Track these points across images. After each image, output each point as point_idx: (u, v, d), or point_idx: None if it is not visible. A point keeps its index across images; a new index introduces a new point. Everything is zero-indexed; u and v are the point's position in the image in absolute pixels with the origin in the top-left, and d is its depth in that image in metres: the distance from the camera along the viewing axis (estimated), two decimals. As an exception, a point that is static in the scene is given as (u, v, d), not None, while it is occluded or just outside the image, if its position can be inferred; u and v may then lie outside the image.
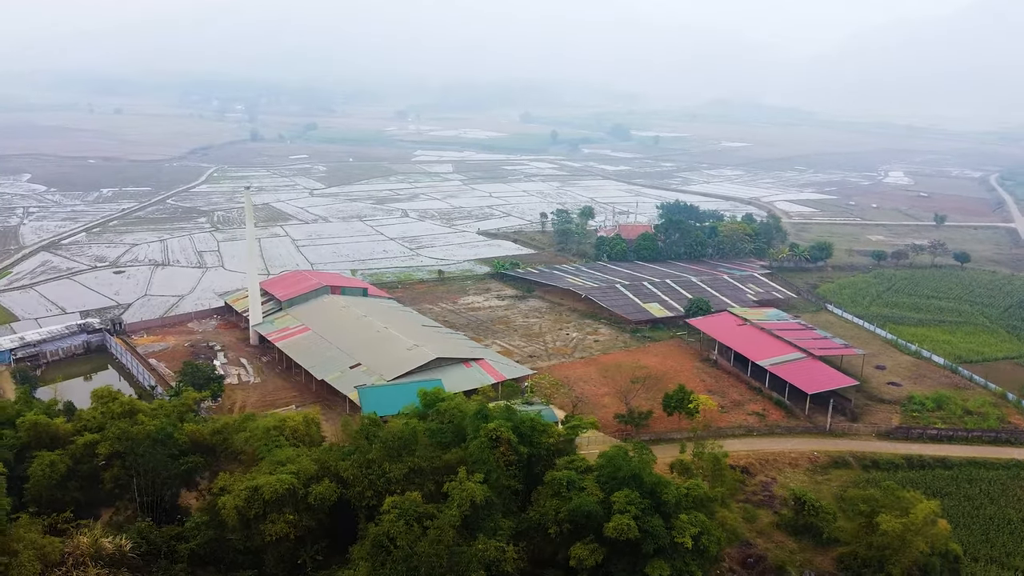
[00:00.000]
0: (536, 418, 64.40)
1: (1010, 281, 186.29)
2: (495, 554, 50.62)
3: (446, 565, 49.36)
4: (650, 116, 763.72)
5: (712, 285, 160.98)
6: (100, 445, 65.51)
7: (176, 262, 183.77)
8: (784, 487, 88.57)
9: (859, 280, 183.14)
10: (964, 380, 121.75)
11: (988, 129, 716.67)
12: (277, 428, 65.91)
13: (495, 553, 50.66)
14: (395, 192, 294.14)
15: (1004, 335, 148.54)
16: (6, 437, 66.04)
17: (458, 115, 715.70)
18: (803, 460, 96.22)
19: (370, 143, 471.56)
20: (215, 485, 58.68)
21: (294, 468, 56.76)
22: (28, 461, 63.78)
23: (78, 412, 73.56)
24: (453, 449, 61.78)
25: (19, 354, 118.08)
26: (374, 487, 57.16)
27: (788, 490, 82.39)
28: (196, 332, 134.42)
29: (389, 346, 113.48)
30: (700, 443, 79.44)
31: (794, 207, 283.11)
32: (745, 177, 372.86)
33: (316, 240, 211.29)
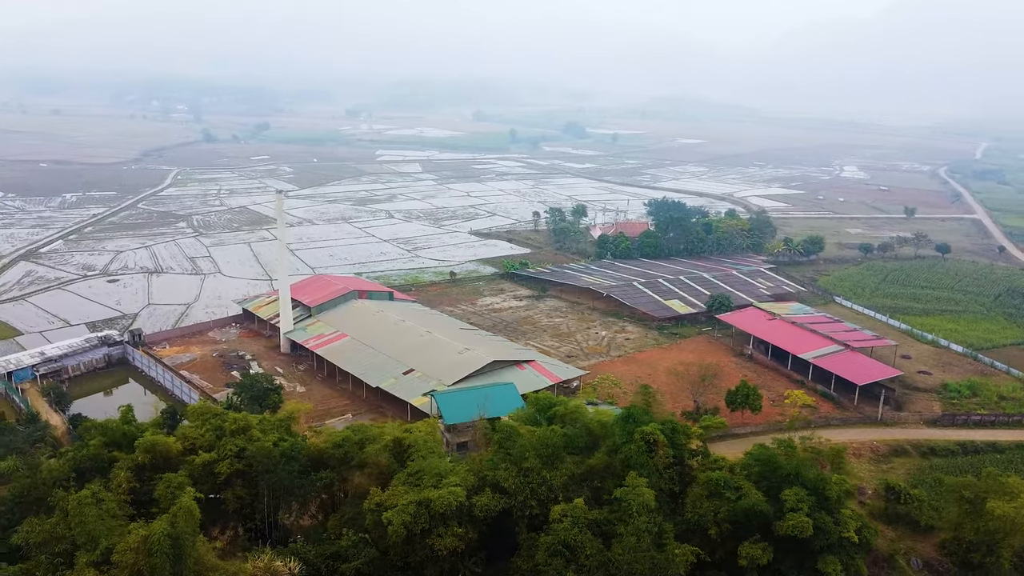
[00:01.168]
0: (675, 420, 64.19)
1: (992, 270, 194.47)
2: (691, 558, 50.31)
3: (648, 571, 48.79)
4: (600, 114, 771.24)
5: (724, 281, 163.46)
6: (219, 464, 62.64)
7: (170, 269, 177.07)
8: (854, 476, 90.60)
9: (853, 272, 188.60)
10: (986, 367, 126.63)
11: (919, 124, 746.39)
12: (400, 440, 63.94)
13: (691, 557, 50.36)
14: (372, 193, 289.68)
15: (1003, 322, 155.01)
16: (121, 460, 62.42)
17: (409, 114, 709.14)
18: (864, 450, 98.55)
19: (328, 143, 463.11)
20: (370, 501, 56.57)
21: (457, 480, 55.25)
22: (150, 483, 60.54)
23: (180, 430, 70.04)
24: (596, 454, 61.11)
25: (41, 370, 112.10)
26: (536, 496, 56.12)
27: (879, 481, 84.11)
28: (219, 341, 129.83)
29: (438, 350, 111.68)
30: (786, 437, 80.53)
31: (767, 202, 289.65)
32: (710, 173, 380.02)
33: (308, 243, 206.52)
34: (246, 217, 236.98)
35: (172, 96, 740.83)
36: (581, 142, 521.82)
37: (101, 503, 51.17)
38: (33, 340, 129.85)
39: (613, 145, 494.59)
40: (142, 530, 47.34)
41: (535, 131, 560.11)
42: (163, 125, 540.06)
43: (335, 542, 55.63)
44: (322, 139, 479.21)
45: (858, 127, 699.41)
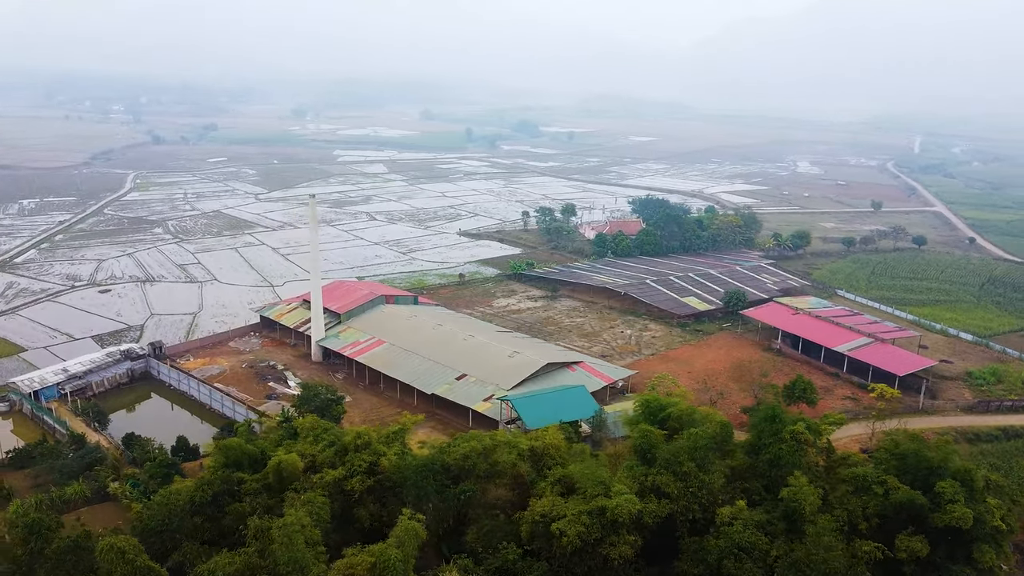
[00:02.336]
0: (807, 418, 64.72)
1: (968, 261, 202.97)
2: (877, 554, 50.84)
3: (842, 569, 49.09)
4: (546, 112, 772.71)
5: (731, 277, 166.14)
6: (350, 480, 60.38)
7: (162, 277, 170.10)
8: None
9: (842, 266, 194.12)
10: (999, 354, 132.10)
11: (853, 120, 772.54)
12: (535, 451, 62.77)
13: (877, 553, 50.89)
14: (345, 195, 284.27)
15: (995, 310, 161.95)
16: (249, 481, 59.43)
17: (356, 113, 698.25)
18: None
19: (281, 143, 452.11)
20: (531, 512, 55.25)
21: (625, 488, 54.51)
22: (280, 503, 57.82)
23: (297, 447, 67.09)
24: (735, 455, 61.21)
25: (67, 388, 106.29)
26: (697, 500, 55.88)
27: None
28: (243, 352, 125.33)
29: (485, 354, 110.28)
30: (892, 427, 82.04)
31: (736, 198, 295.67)
32: (672, 170, 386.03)
33: (297, 247, 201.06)
34: (223, 222, 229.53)
35: (106, 96, 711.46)
36: (537, 141, 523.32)
37: (304, 529, 48.42)
38: (39, 356, 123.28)
39: (570, 143, 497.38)
40: (365, 556, 45.07)
41: (489, 130, 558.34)
42: (103, 126, 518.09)
43: (498, 556, 54.09)
44: (274, 140, 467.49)
45: (797, 123, 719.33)
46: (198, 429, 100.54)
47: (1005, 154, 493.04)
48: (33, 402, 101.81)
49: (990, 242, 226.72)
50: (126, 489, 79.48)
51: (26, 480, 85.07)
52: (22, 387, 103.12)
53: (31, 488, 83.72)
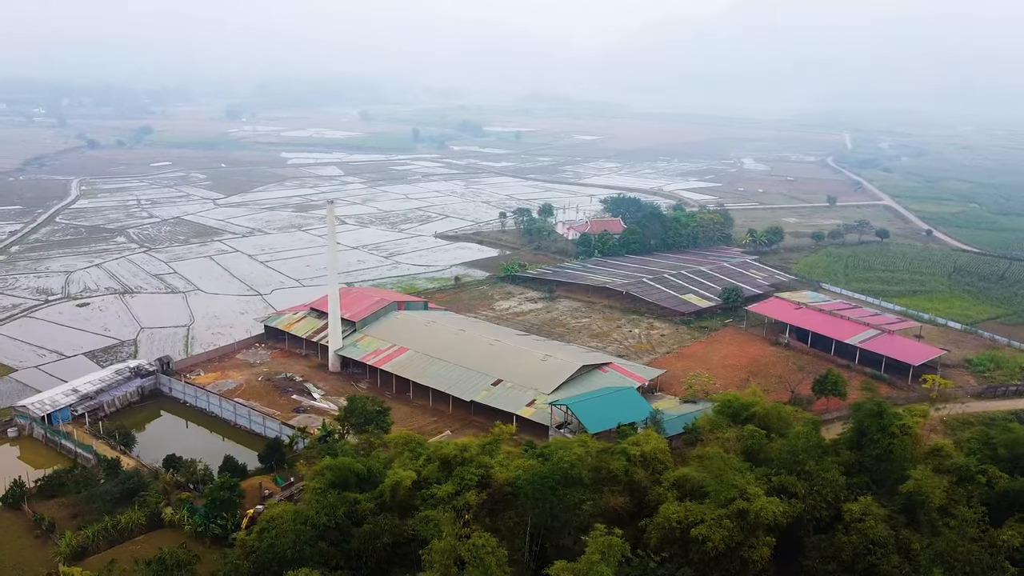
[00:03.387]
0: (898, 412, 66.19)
1: (930, 252, 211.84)
2: (1017, 542, 52.35)
3: (987, 558, 50.35)
4: (483, 112, 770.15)
5: (721, 273, 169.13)
6: (463, 496, 58.80)
7: (140, 288, 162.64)
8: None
9: (816, 260, 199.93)
10: (988, 341, 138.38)
11: (780, 118, 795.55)
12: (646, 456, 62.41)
13: (1017, 541, 52.39)
14: (307, 199, 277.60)
15: (969, 299, 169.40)
16: (363, 501, 57.08)
17: (292, 114, 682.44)
18: (938, 424, 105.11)
19: (224, 146, 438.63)
20: (663, 519, 54.79)
21: (759, 491, 54.66)
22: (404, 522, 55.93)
23: (396, 463, 64.81)
24: (844, 451, 62.21)
25: (80, 409, 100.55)
26: (823, 498, 56.55)
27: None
28: (254, 364, 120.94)
29: (517, 359, 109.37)
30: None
31: (696, 195, 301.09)
32: (625, 169, 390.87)
33: (275, 254, 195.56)
34: (188, 229, 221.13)
35: (23, 99, 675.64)
36: (484, 140, 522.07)
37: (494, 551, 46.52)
38: (32, 377, 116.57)
39: (517, 143, 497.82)
40: (569, 573, 43.77)
41: (433, 130, 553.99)
42: (28, 131, 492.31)
43: (634, 565, 53.43)
44: (214, 142, 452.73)
45: (728, 121, 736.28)
46: (223, 447, 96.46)
47: (928, 149, 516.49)
48: (47, 426, 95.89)
49: (944, 234, 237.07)
50: (182, 514, 75.71)
51: (62, 510, 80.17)
52: (33, 410, 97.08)
53: (70, 518, 78.95)
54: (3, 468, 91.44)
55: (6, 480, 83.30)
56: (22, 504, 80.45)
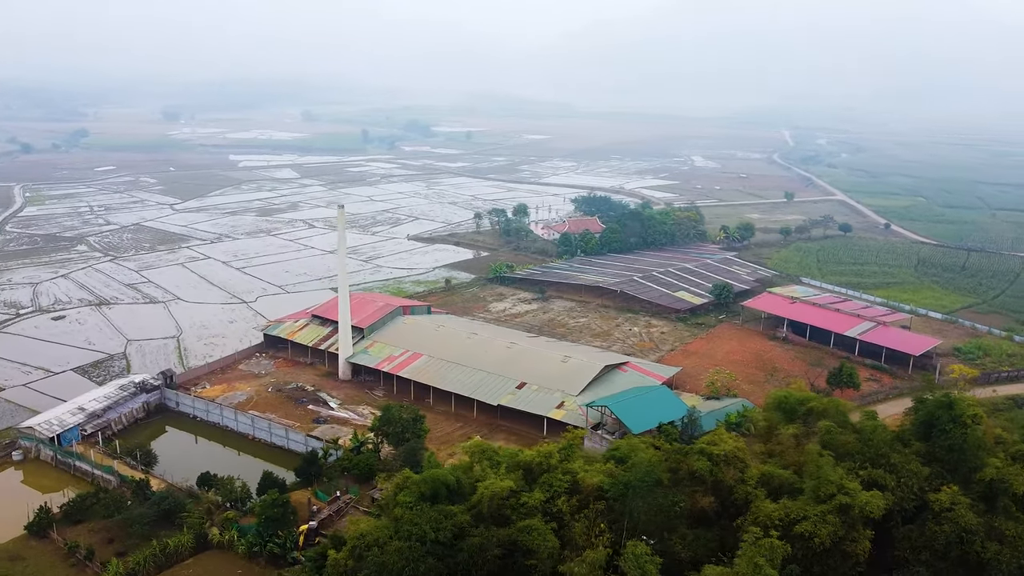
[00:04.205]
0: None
1: (893, 245, 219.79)
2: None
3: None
4: (430, 112, 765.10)
5: (706, 270, 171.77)
6: (555, 502, 58.11)
7: (116, 299, 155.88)
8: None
9: (788, 254, 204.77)
10: (969, 329, 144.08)
11: (720, 116, 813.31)
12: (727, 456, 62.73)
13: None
14: (269, 203, 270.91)
15: (939, 290, 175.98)
16: (459, 513, 55.60)
17: (232, 115, 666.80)
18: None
19: (168, 149, 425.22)
20: (762, 517, 55.04)
21: (856, 485, 55.50)
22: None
23: (476, 472, 63.36)
24: (915, 442, 63.74)
25: (89, 428, 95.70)
26: (908, 489, 57.85)
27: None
28: (259, 375, 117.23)
29: (537, 361, 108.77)
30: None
31: (657, 193, 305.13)
32: (581, 167, 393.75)
33: (249, 260, 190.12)
34: (151, 236, 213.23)
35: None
36: (435, 141, 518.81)
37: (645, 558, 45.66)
38: (22, 396, 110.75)
39: (469, 143, 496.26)
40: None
41: (380, 130, 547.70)
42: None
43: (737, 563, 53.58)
44: (156, 145, 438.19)
45: (672, 119, 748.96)
46: (246, 463, 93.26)
47: (867, 146, 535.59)
48: (57, 448, 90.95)
49: (901, 227, 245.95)
50: (231, 535, 72.83)
51: (93, 535, 76.20)
52: (41, 432, 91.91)
53: (104, 544, 75.20)
54: (12, 494, 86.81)
55: (27, 507, 78.80)
56: (49, 531, 76.16)
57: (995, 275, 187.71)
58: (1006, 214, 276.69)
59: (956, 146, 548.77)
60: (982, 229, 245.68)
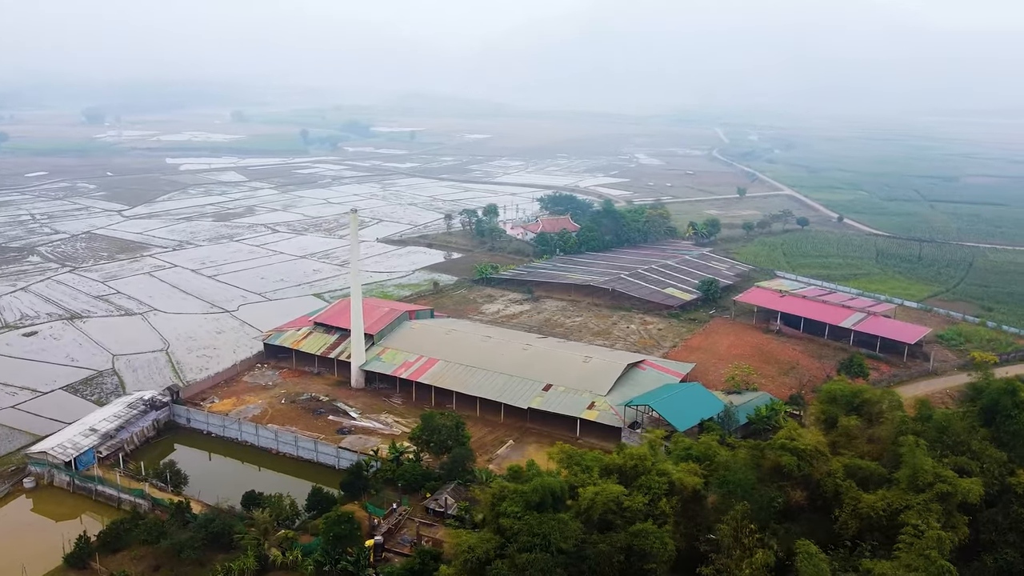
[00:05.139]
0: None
1: (850, 237, 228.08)
2: None
3: None
4: (363, 112, 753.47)
5: (687, 266, 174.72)
6: (657, 504, 58.13)
7: (87, 313, 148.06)
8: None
9: (755, 248, 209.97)
10: (944, 317, 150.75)
11: (652, 114, 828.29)
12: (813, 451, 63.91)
13: None
14: (222, 207, 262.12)
15: (903, 279, 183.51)
16: (570, 522, 54.83)
17: (158, 117, 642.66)
18: (946, 397, 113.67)
19: (97, 153, 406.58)
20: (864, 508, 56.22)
21: (951, 473, 57.34)
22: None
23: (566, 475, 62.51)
24: (980, 428, 66.26)
25: (104, 451, 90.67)
26: (991, 474, 60.12)
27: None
28: (266, 386, 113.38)
29: (558, 362, 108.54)
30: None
31: (612, 191, 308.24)
32: (531, 167, 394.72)
33: (219, 267, 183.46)
34: (106, 244, 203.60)
35: None
36: (377, 141, 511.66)
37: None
38: (14, 418, 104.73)
39: (413, 143, 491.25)
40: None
41: (317, 131, 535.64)
42: None
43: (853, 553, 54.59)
44: (84, 148, 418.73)
45: (606, 118, 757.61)
46: (268, 478, 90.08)
47: (797, 142, 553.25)
48: (75, 473, 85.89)
49: (852, 220, 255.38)
50: (295, 554, 70.20)
51: (138, 564, 72.40)
52: (55, 456, 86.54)
53: (151, 572, 71.80)
54: (34, 525, 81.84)
55: (61, 537, 74.34)
56: (90, 562, 71.92)
57: (950, 264, 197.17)
58: (943, 206, 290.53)
59: (877, 141, 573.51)
60: (925, 221, 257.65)
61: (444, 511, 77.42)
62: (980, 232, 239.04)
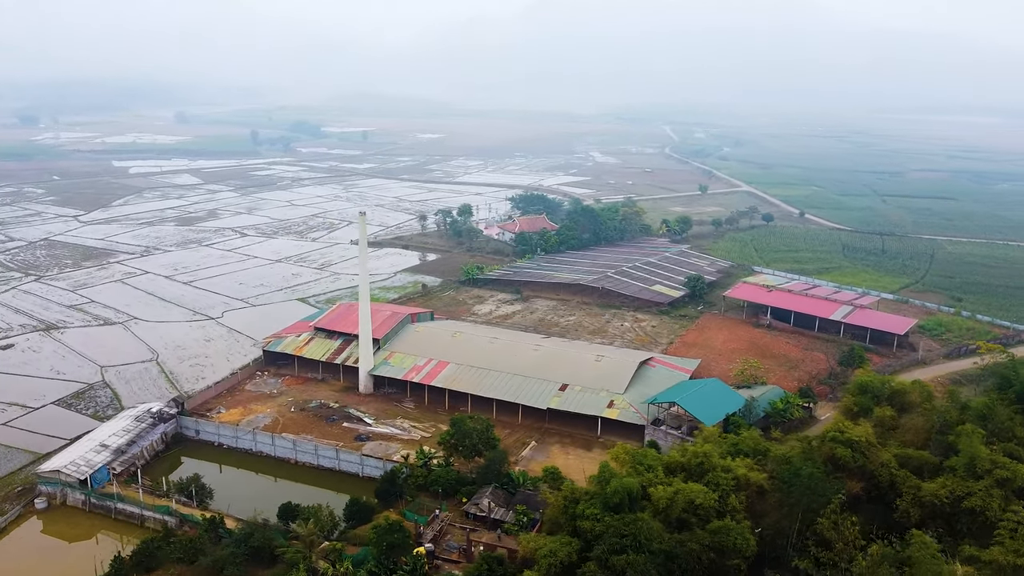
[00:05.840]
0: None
1: (815, 232, 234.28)
2: None
3: None
4: (308, 112, 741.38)
5: (668, 263, 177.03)
6: (728, 499, 58.90)
7: (64, 323, 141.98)
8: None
9: (726, 244, 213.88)
10: (920, 308, 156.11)
11: (599, 113, 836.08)
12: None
13: None
14: (183, 211, 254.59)
15: (873, 272, 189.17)
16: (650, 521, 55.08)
17: (97, 118, 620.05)
18: (938, 384, 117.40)
19: (39, 156, 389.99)
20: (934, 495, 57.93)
21: (1006, 459, 59.44)
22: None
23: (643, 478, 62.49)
24: (1018, 416, 68.98)
25: (117, 467, 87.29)
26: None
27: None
28: (273, 394, 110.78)
29: (571, 362, 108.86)
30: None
31: (577, 190, 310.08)
32: (491, 166, 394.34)
33: (193, 273, 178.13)
34: (68, 251, 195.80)
35: None
36: (330, 141, 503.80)
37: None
38: (6, 436, 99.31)
39: (366, 144, 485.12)
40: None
41: (267, 132, 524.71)
42: None
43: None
44: (24, 152, 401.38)
45: (555, 116, 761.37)
46: (289, 489, 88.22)
47: (745, 139, 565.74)
48: (91, 491, 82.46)
49: (813, 215, 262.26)
50: (345, 566, 68.74)
51: (178, 583, 69.85)
52: (69, 474, 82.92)
53: (193, 590, 69.23)
54: (53, 548, 78.27)
55: (93, 560, 71.50)
56: (127, 584, 69.17)
57: (913, 257, 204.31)
58: (894, 200, 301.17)
59: (822, 138, 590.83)
60: (881, 215, 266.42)
61: (487, 515, 76.87)
62: (934, 225, 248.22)
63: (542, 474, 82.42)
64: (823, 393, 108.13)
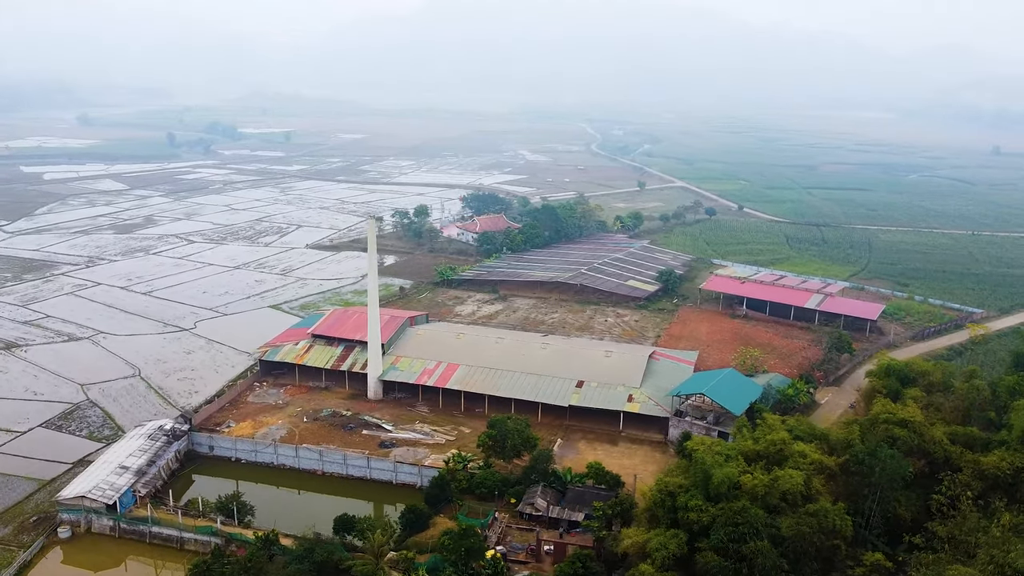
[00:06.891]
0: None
1: (757, 225, 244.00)
2: None
3: None
4: (215, 113, 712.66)
5: (635, 259, 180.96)
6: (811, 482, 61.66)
7: (23, 340, 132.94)
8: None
9: (676, 238, 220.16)
10: (875, 294, 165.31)
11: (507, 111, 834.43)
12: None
13: None
14: (116, 217, 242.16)
15: (821, 262, 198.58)
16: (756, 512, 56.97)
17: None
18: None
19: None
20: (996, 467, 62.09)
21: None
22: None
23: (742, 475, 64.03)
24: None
25: (141, 490, 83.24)
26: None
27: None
28: (279, 405, 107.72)
29: (582, 359, 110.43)
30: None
31: (519, 188, 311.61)
32: (424, 166, 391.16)
33: (149, 282, 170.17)
34: (4, 264, 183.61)
35: None
36: (251, 143, 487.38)
37: None
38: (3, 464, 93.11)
39: (289, 145, 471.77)
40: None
41: (180, 134, 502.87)
42: None
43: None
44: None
45: (466, 115, 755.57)
46: (320, 501, 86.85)
47: (661, 136, 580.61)
48: (120, 516, 78.43)
49: (751, 208, 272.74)
50: (419, 574, 68.08)
51: (241, 604, 67.39)
52: (95, 499, 78.55)
53: (263, 612, 67.06)
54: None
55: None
56: (190, 609, 66.38)
57: (853, 246, 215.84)
58: (817, 192, 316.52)
59: (729, 133, 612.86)
60: (811, 207, 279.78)
61: (543, 514, 77.50)
62: (863, 216, 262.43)
63: (586, 470, 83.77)
64: (819, 378, 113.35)
